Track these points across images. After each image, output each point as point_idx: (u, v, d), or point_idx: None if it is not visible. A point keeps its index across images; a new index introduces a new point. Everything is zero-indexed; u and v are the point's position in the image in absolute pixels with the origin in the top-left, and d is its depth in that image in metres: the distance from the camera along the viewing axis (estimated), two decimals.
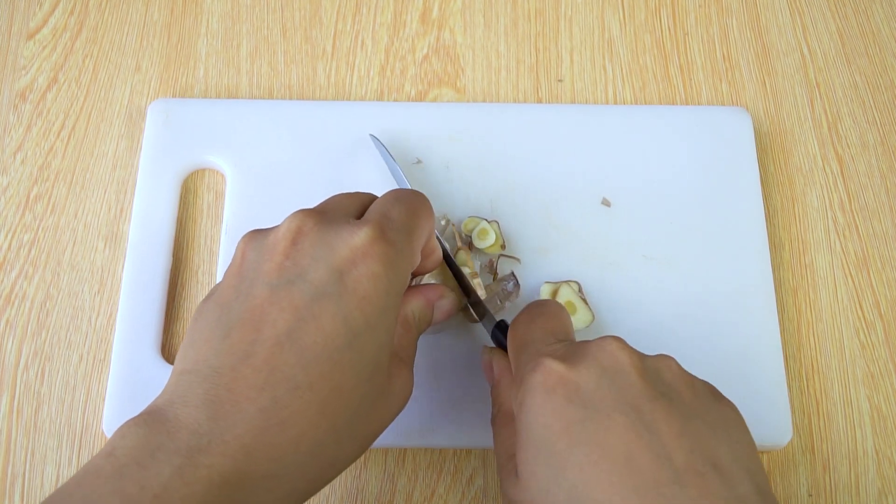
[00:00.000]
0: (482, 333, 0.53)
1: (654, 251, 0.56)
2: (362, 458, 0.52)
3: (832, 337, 0.56)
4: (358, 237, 0.39)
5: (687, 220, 0.57)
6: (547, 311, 0.46)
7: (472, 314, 0.52)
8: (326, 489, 0.51)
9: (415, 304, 0.46)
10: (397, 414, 0.43)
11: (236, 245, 0.42)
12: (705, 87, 0.63)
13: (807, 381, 0.55)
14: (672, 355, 0.43)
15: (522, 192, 0.58)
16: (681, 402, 0.40)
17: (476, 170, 0.58)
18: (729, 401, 0.42)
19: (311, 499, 0.51)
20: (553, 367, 0.40)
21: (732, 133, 0.60)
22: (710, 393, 0.42)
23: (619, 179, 0.58)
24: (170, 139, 0.58)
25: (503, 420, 0.45)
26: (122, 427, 0.36)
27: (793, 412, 0.54)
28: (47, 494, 0.50)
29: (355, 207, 0.44)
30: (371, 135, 0.58)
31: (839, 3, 0.67)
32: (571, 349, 0.42)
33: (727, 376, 0.53)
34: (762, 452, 0.53)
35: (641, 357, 0.41)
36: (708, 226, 0.57)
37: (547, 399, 0.40)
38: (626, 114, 0.61)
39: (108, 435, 0.51)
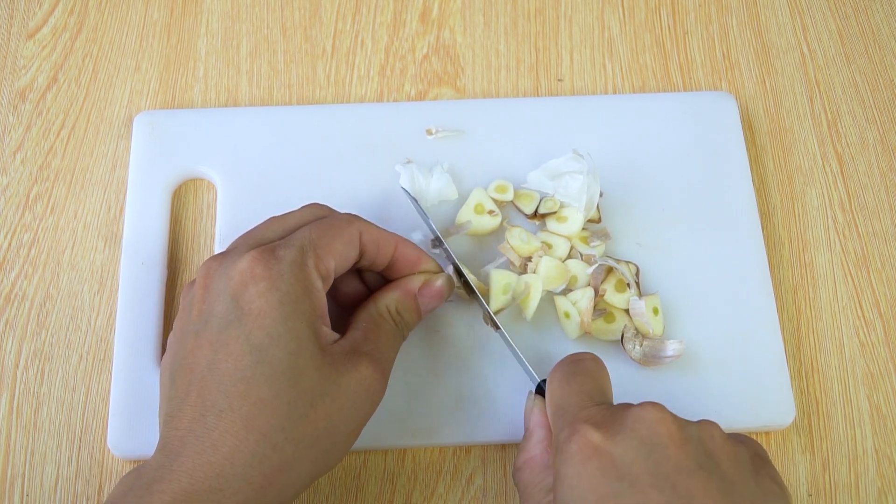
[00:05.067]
0: (482, 330, 0.53)
1: (647, 239, 0.57)
2: (362, 458, 0.52)
3: (832, 336, 0.56)
4: (243, 262, 0.44)
5: (678, 205, 0.58)
6: (583, 369, 0.46)
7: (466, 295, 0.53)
8: (326, 489, 0.51)
9: (388, 298, 0.49)
10: (363, 409, 0.45)
11: None
12: (705, 85, 0.63)
13: (806, 380, 0.55)
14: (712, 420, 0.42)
15: (516, 185, 0.57)
16: (720, 475, 0.40)
17: (472, 165, 0.58)
18: (773, 471, 0.42)
19: (310, 498, 0.51)
20: (589, 435, 0.41)
21: (718, 117, 0.60)
22: (752, 463, 0.41)
23: (609, 168, 0.58)
24: (157, 151, 0.58)
25: (531, 470, 0.46)
26: (121, 478, 0.43)
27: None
28: (47, 494, 0.51)
29: (273, 238, 0.47)
30: (402, 187, 0.56)
31: (839, 3, 0.67)
32: (609, 415, 0.42)
33: (726, 355, 0.54)
34: (764, 434, 0.53)
35: (681, 426, 0.41)
36: (699, 210, 0.58)
37: (582, 469, 0.40)
38: (608, 104, 0.61)
39: (115, 452, 0.51)
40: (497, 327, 0.51)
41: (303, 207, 0.49)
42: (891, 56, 0.65)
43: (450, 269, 0.53)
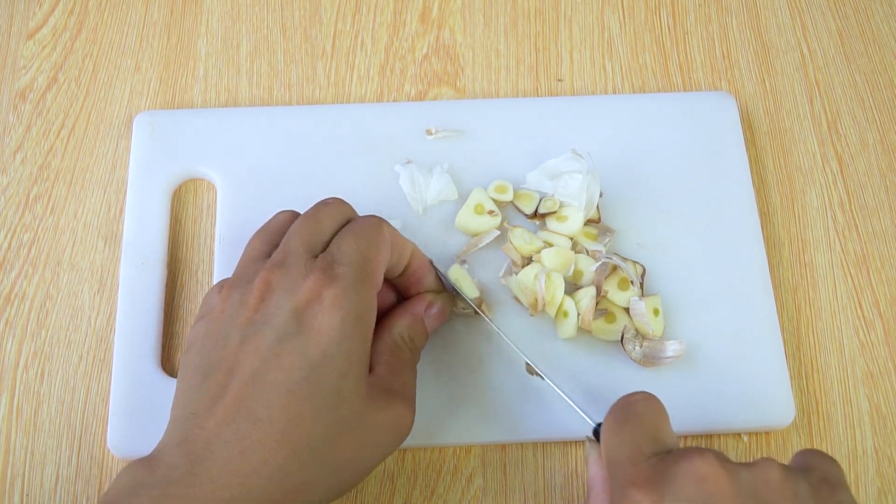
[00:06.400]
0: (481, 329, 0.53)
1: (647, 239, 0.57)
2: None
3: (831, 336, 0.56)
4: (310, 282, 0.43)
5: (678, 205, 0.58)
6: (634, 412, 0.43)
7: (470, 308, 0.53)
8: None
9: (401, 326, 0.49)
10: (390, 446, 0.46)
11: (211, 293, 0.47)
12: (705, 85, 0.63)
13: (806, 380, 0.55)
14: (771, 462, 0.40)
15: (515, 185, 0.57)
16: None
17: (472, 165, 0.58)
18: (844, 495, 0.40)
19: None
20: (637, 501, 0.39)
21: (718, 117, 0.60)
22: (817, 497, 0.39)
23: (609, 168, 0.58)
24: (157, 151, 0.58)
25: None
26: (123, 468, 0.41)
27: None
28: (47, 494, 0.51)
29: (319, 242, 0.46)
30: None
31: (839, 3, 0.67)
32: (657, 472, 0.39)
33: (726, 355, 0.54)
34: (764, 434, 0.53)
35: (733, 477, 0.39)
36: (699, 210, 0.58)
37: None
38: (608, 104, 0.61)
39: (115, 453, 0.51)
40: (540, 376, 0.51)
41: (327, 205, 0.49)
42: (891, 56, 0.65)
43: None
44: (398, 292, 0.51)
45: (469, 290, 0.53)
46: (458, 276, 0.54)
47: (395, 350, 0.48)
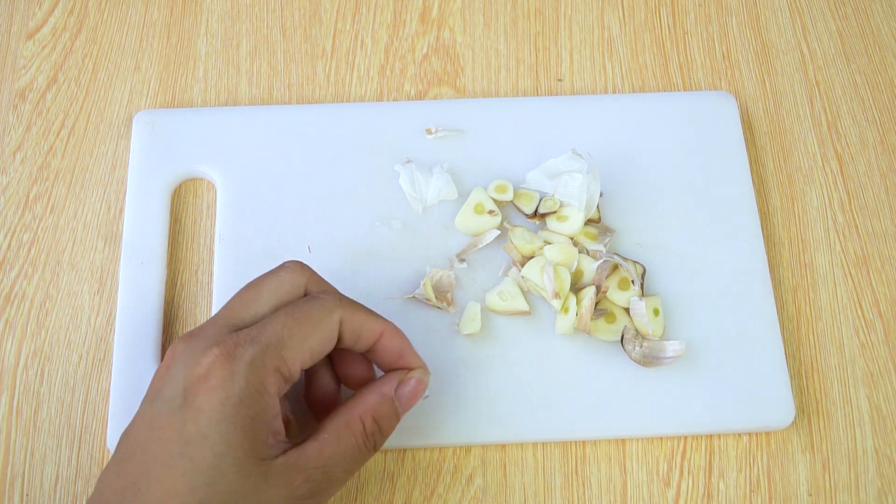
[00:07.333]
0: (481, 329, 0.53)
1: (647, 239, 0.57)
2: None
3: (832, 336, 0.56)
4: (206, 358, 0.43)
5: (678, 206, 0.58)
6: None
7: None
8: None
9: (364, 407, 0.46)
10: None
11: None
12: (705, 85, 0.63)
13: (806, 380, 0.55)
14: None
15: (515, 184, 0.58)
16: None
17: (472, 165, 0.58)
18: None
19: None
20: None
21: (718, 117, 0.60)
22: None
23: (609, 167, 0.58)
24: (157, 151, 0.58)
25: None
26: None
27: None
28: (47, 494, 0.51)
29: (248, 316, 0.45)
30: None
31: (839, 3, 0.67)
32: None
33: (726, 355, 0.54)
34: (764, 434, 0.53)
35: None
36: (699, 210, 0.58)
37: None
38: (608, 104, 0.61)
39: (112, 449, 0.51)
40: None
41: (280, 275, 0.47)
42: (891, 56, 0.65)
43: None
44: (369, 364, 0.49)
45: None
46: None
47: (342, 432, 0.45)
